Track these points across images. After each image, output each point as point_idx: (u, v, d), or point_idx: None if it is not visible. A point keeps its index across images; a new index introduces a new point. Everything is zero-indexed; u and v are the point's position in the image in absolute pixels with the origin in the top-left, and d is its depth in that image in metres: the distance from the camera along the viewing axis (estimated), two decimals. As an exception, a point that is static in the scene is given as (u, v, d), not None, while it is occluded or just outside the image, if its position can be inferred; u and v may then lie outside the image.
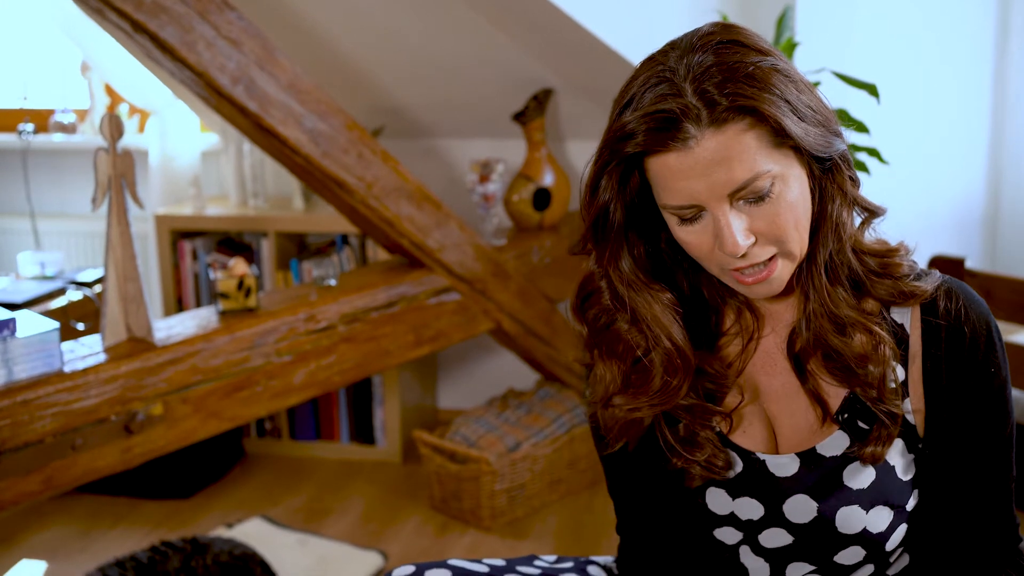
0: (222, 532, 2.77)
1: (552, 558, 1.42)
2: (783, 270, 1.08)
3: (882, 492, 1.11)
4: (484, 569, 1.34)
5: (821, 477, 1.12)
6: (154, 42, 2.09)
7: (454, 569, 1.31)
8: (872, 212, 1.14)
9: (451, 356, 3.59)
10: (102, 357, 2.08)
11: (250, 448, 3.43)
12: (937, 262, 2.47)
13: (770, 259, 1.07)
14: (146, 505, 3.03)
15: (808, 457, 1.14)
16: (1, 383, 1.93)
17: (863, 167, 2.49)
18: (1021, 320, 2.43)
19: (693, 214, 1.06)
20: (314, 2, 2.86)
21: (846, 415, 1.13)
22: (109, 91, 3.74)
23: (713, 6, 2.70)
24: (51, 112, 3.77)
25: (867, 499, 1.11)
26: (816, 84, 2.54)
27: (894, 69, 3.12)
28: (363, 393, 3.33)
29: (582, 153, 3.33)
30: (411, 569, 1.30)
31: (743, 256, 1.05)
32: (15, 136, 3.67)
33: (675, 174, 1.03)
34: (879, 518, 1.11)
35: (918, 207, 3.35)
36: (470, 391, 3.59)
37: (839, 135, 1.08)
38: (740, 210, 1.04)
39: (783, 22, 2.60)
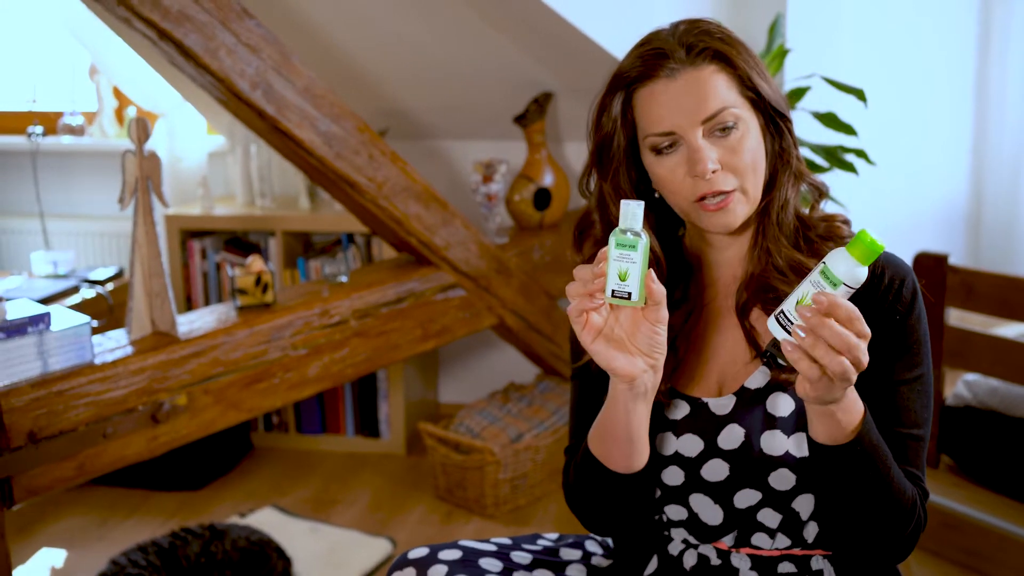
0: (236, 521, 2.86)
1: (554, 536, 1.54)
2: (739, 205, 1.25)
3: (802, 421, 1.25)
4: (492, 548, 1.45)
5: (749, 407, 1.28)
6: (178, 49, 2.19)
7: (464, 549, 1.42)
8: (817, 189, 1.33)
9: (452, 352, 3.69)
10: (129, 350, 2.18)
11: (258, 442, 3.52)
12: (922, 258, 2.57)
13: (730, 192, 1.24)
14: (159, 496, 3.13)
15: (740, 393, 1.30)
16: (37, 374, 2.02)
17: (851, 168, 2.60)
18: (1002, 314, 2.52)
19: (670, 142, 1.25)
20: (321, 8, 2.96)
21: (768, 353, 1.26)
22: (117, 94, 3.83)
23: (706, 12, 2.80)
24: (60, 115, 3.84)
25: (788, 425, 1.26)
26: (807, 89, 2.67)
27: (881, 74, 3.23)
28: (368, 388, 3.43)
29: (581, 154, 3.44)
30: (425, 551, 1.41)
31: (709, 182, 1.23)
32: (24, 138, 3.76)
33: (659, 100, 1.24)
34: (801, 443, 1.25)
35: (904, 206, 3.47)
36: (470, 386, 3.69)
37: (787, 108, 1.30)
38: (709, 141, 1.23)
39: (775, 29, 2.71)
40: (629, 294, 1.12)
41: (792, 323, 1.09)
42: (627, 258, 1.12)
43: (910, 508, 1.21)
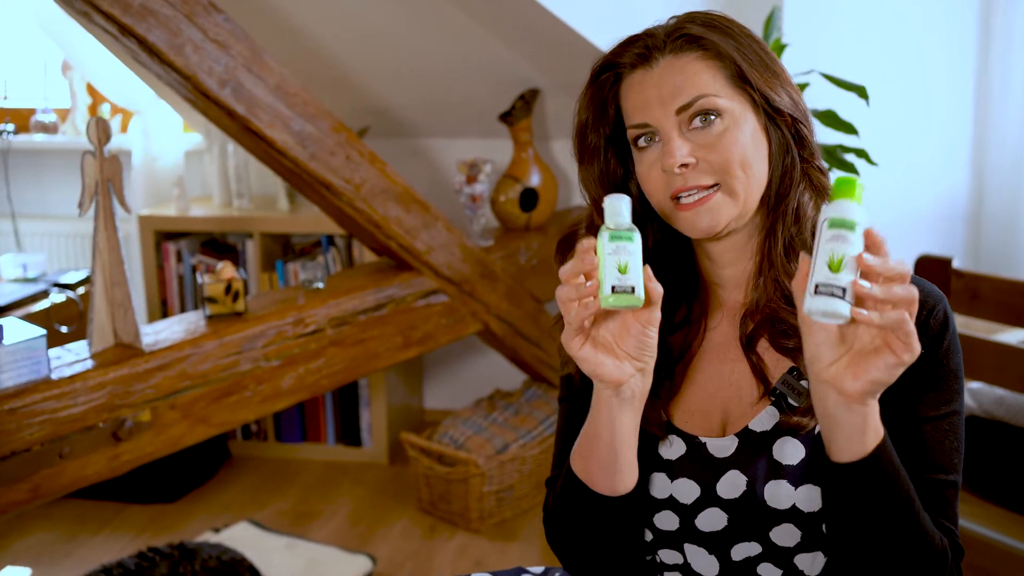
0: (209, 537, 2.75)
1: (539, 570, 1.42)
2: (721, 204, 1.13)
3: (814, 471, 1.11)
4: None
5: (752, 452, 1.15)
6: (141, 45, 2.07)
7: None
8: None
9: (437, 357, 3.58)
10: (89, 364, 2.06)
11: (235, 450, 3.41)
12: (924, 262, 2.46)
13: (711, 189, 1.12)
14: (131, 509, 3.01)
15: (743, 435, 1.16)
16: (-12, 391, 1.91)
17: (852, 169, 2.50)
18: (1006, 320, 2.43)
19: (648, 136, 1.15)
20: (294, 1, 2.84)
21: (779, 392, 1.15)
22: (91, 91, 3.71)
23: (700, 7, 2.69)
24: (32, 112, 3.74)
25: (796, 476, 1.12)
26: (805, 85, 2.56)
27: (881, 71, 3.13)
28: (349, 394, 3.32)
29: (569, 153, 3.32)
30: None
31: (682, 177, 1.12)
32: (-5, 136, 3.64)
33: (637, 89, 1.15)
34: (811, 497, 1.11)
35: (903, 205, 3.37)
36: (456, 392, 3.59)
37: (806, 115, 1.17)
38: (686, 136, 1.13)
39: (771, 23, 2.61)
40: (632, 288, 1.02)
41: (842, 285, 0.96)
42: (624, 250, 1.02)
43: (940, 553, 1.08)
